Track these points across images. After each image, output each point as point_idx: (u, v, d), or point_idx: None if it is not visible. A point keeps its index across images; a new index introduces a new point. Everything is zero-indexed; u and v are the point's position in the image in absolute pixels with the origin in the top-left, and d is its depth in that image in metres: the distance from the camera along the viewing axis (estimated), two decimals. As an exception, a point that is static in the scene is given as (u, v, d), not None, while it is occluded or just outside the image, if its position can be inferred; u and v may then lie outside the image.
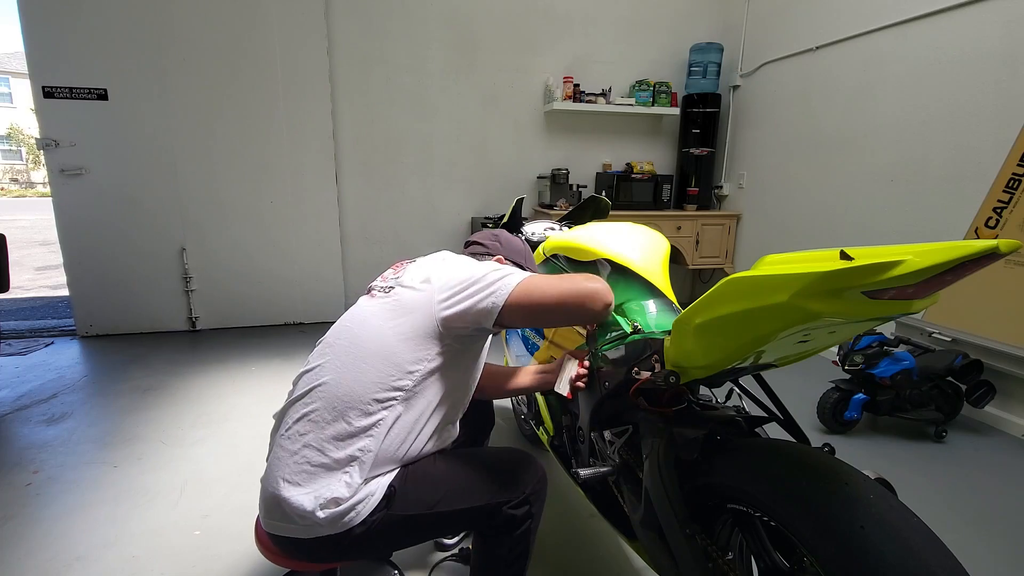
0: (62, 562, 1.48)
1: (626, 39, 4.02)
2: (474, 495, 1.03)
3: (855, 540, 0.69)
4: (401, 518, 0.99)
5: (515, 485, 1.06)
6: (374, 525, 0.96)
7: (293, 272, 3.66)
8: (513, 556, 1.08)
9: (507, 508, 1.04)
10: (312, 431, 0.98)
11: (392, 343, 1.01)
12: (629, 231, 1.44)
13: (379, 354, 1.00)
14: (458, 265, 1.09)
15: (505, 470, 1.08)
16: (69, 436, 2.16)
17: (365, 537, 0.96)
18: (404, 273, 1.12)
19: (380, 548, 1.04)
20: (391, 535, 1.00)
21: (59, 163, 3.15)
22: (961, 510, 1.79)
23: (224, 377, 2.78)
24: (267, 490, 0.99)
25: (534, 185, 4.09)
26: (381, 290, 1.11)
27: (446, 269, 1.08)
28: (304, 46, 3.39)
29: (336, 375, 1.01)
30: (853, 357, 2.19)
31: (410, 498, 0.99)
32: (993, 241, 0.53)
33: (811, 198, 3.39)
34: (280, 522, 0.96)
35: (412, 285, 1.07)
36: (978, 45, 2.45)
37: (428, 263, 1.13)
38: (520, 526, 1.06)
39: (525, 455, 1.13)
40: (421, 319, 1.02)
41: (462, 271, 1.06)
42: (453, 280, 1.04)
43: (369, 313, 1.07)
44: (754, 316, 0.71)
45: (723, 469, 0.92)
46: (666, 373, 0.95)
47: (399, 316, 1.03)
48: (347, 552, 0.99)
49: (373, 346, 1.01)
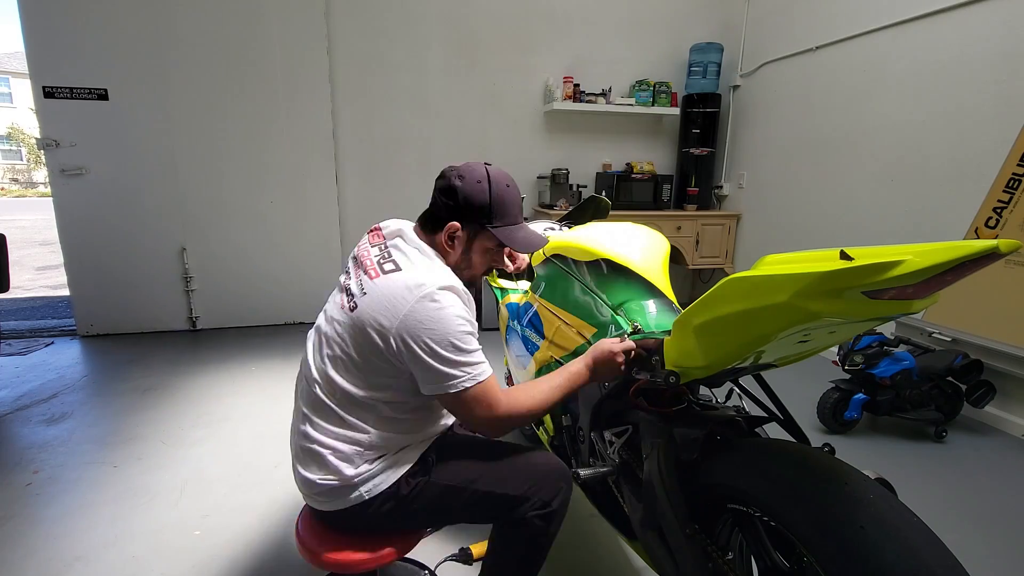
0: (62, 562, 1.48)
1: (626, 39, 4.02)
2: (509, 483, 1.07)
3: (855, 540, 0.69)
4: (441, 488, 1.06)
5: (547, 488, 1.07)
6: (417, 489, 1.05)
7: (293, 272, 3.66)
8: (526, 562, 1.10)
9: (531, 509, 1.06)
10: (305, 423, 1.06)
11: (359, 361, 1.03)
12: (629, 231, 1.44)
13: (347, 370, 1.05)
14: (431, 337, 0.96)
15: (543, 470, 1.10)
16: (69, 436, 2.16)
17: (411, 500, 1.05)
18: (371, 287, 1.01)
19: (425, 517, 1.10)
20: (431, 502, 1.07)
21: (59, 163, 3.15)
22: (961, 510, 1.79)
23: (224, 377, 2.78)
24: (296, 470, 1.07)
25: (534, 185, 4.09)
26: (349, 297, 1.05)
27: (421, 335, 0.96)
28: (304, 46, 3.39)
29: (314, 367, 1.08)
30: (853, 357, 2.19)
31: (450, 469, 1.08)
32: (993, 241, 0.53)
33: (811, 198, 3.39)
34: (334, 499, 1.04)
35: (372, 315, 0.98)
36: (978, 45, 2.45)
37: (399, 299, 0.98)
38: (537, 533, 1.08)
39: (561, 465, 1.13)
40: (377, 350, 1.00)
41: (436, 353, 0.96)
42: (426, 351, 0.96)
43: (341, 325, 1.05)
44: (754, 316, 0.71)
45: (723, 469, 0.93)
46: (666, 373, 0.95)
47: (358, 336, 1.01)
48: (398, 518, 1.07)
49: (341, 360, 1.05)
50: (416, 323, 0.95)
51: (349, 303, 1.04)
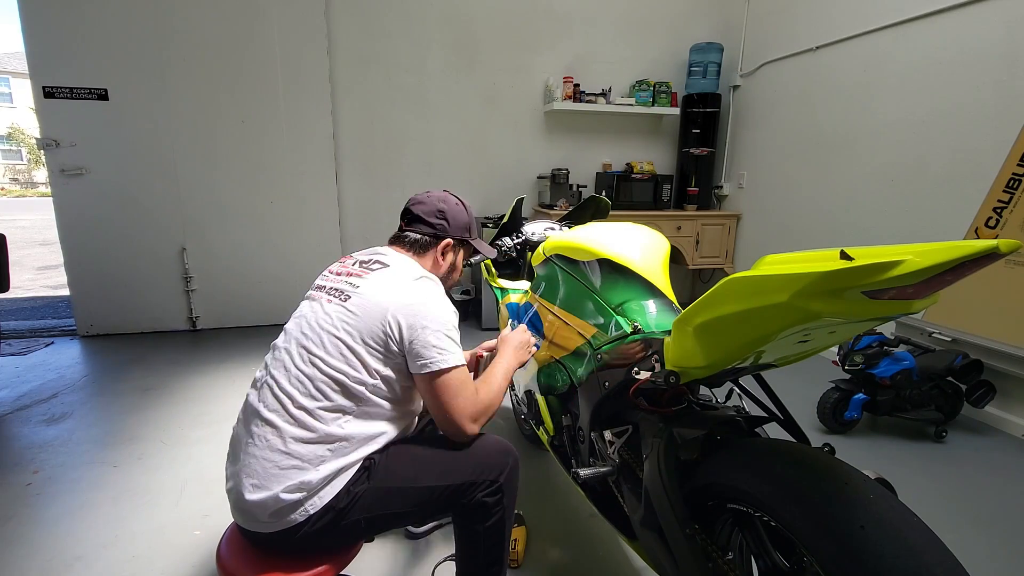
0: (62, 562, 1.48)
1: (626, 39, 4.02)
2: (451, 474, 1.08)
3: (855, 540, 0.69)
4: (383, 490, 1.04)
5: (490, 468, 1.10)
6: (358, 498, 1.02)
7: (293, 272, 3.66)
8: (488, 544, 1.12)
9: (480, 493, 1.08)
10: (276, 437, 1.01)
11: (353, 346, 1.05)
12: (629, 231, 1.44)
13: (341, 355, 1.05)
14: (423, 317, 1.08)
15: (482, 453, 1.12)
16: (69, 436, 2.16)
17: (350, 510, 1.01)
18: (364, 283, 1.12)
19: (364, 526, 1.06)
20: (373, 508, 1.04)
21: (60, 163, 3.15)
22: (961, 510, 1.79)
23: (224, 377, 2.78)
24: (244, 497, 1.00)
25: (534, 185, 4.09)
26: (338, 295, 1.11)
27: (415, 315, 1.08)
28: (304, 46, 3.39)
29: (297, 371, 1.05)
30: (853, 357, 2.19)
31: (390, 470, 1.06)
32: (993, 241, 0.53)
33: (811, 198, 3.39)
34: (267, 519, 0.99)
35: (371, 301, 1.08)
36: (978, 45, 2.45)
37: (387, 293, 1.10)
38: (492, 515, 1.10)
39: (501, 442, 1.17)
40: (375, 332, 1.06)
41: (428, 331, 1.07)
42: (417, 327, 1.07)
43: (326, 315, 1.09)
44: (754, 316, 0.71)
45: (723, 469, 0.92)
46: (666, 373, 0.95)
47: (356, 322, 1.06)
48: (336, 533, 1.02)
49: (332, 347, 1.05)
50: (413, 306, 1.07)
51: (340, 296, 1.10)
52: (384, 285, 1.10)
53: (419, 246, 1.26)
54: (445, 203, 1.29)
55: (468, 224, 1.33)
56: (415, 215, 1.28)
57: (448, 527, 1.64)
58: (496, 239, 1.87)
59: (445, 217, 1.28)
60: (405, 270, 1.15)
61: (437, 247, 1.27)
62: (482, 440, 1.15)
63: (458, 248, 1.34)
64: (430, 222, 1.27)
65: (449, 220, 1.28)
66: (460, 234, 1.31)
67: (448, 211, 1.28)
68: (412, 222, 1.28)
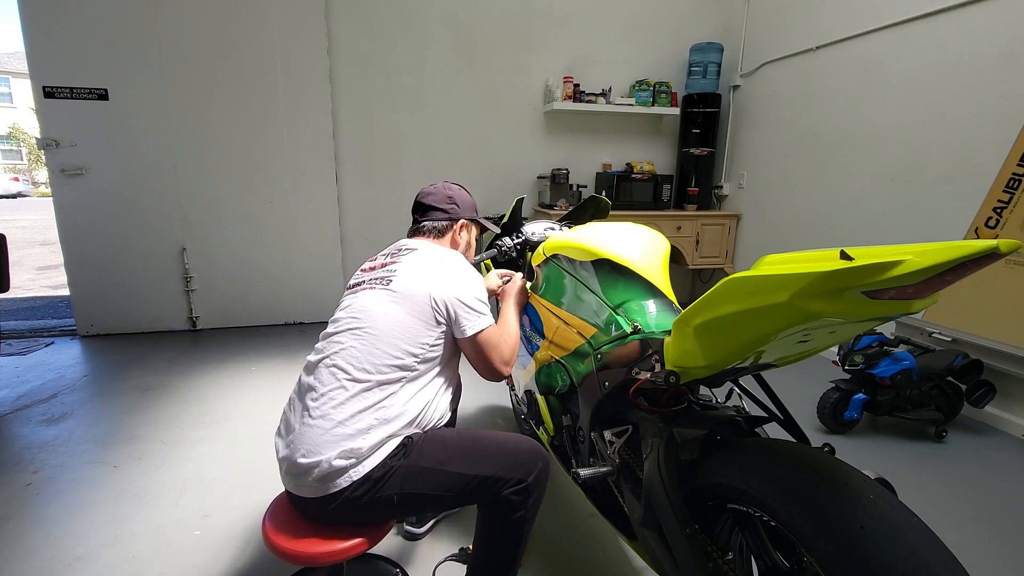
0: (62, 562, 1.48)
1: (626, 39, 4.02)
2: (481, 465, 1.12)
3: (855, 540, 0.69)
4: (416, 468, 1.10)
5: (520, 467, 1.13)
6: (392, 473, 1.08)
7: (293, 272, 3.66)
8: (507, 541, 1.14)
9: (508, 489, 1.10)
10: (330, 408, 1.09)
11: (405, 320, 1.17)
12: (629, 231, 1.44)
13: (393, 330, 1.15)
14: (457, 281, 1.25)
15: (513, 451, 1.15)
16: (69, 436, 2.16)
17: (385, 483, 1.07)
18: (399, 267, 1.25)
19: (396, 502, 1.09)
20: (404, 484, 1.08)
21: (60, 163, 3.15)
22: (961, 510, 1.79)
23: (224, 377, 2.78)
24: (296, 462, 1.06)
25: (534, 185, 4.09)
26: (379, 281, 1.23)
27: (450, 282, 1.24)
28: (304, 46, 3.39)
29: (352, 349, 1.14)
30: (853, 357, 2.19)
31: (424, 451, 1.12)
32: (993, 241, 0.53)
33: (811, 198, 3.39)
34: (313, 483, 1.05)
35: (412, 281, 1.21)
36: (978, 45, 2.45)
37: (423, 271, 1.24)
38: (516, 511, 1.12)
39: (534, 444, 1.19)
40: (422, 308, 1.19)
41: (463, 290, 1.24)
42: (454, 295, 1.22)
43: (375, 299, 1.20)
44: (754, 316, 0.71)
45: (723, 469, 0.92)
46: (666, 373, 0.95)
47: (404, 301, 1.19)
48: (370, 505, 1.07)
49: (384, 323, 1.16)
50: (448, 280, 1.22)
51: (382, 282, 1.22)
52: (418, 266, 1.23)
53: (437, 231, 1.41)
54: (451, 190, 1.46)
55: (474, 205, 1.52)
56: (428, 205, 1.42)
57: (447, 525, 1.64)
58: (496, 239, 1.87)
59: (455, 201, 1.44)
60: (432, 251, 1.30)
61: (454, 228, 1.43)
62: (515, 439, 1.19)
63: (470, 226, 1.49)
64: (443, 208, 1.42)
65: (459, 203, 1.44)
66: (470, 214, 1.47)
67: (456, 196, 1.45)
68: (426, 212, 1.42)
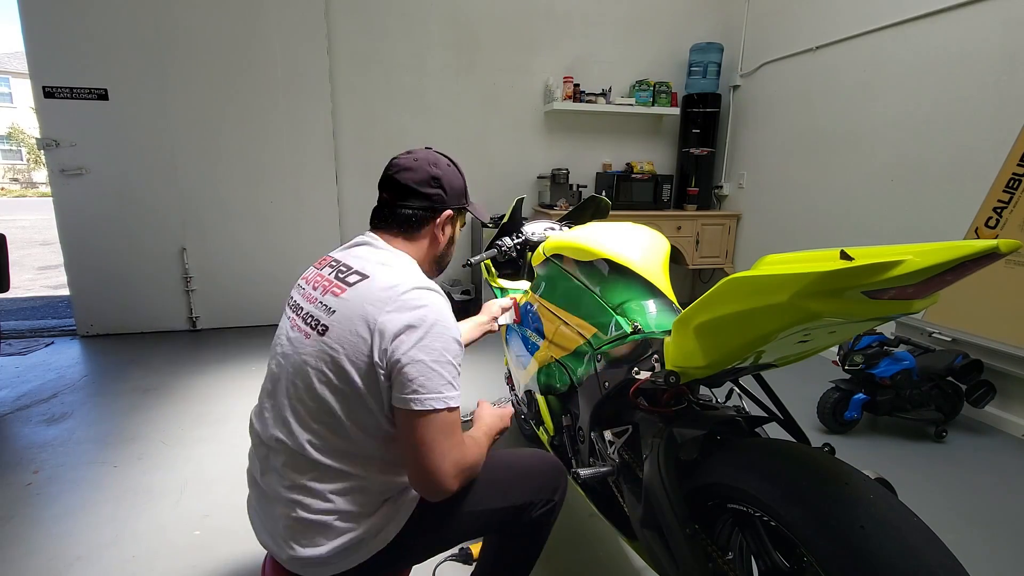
0: (62, 562, 1.48)
1: (626, 39, 4.02)
2: (512, 494, 1.04)
3: (855, 540, 0.69)
4: (448, 515, 0.99)
5: (547, 488, 1.08)
6: (422, 528, 0.97)
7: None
8: (529, 554, 1.11)
9: (537, 511, 1.06)
10: (315, 500, 0.91)
11: (350, 402, 0.91)
12: (629, 231, 1.44)
13: (337, 414, 0.91)
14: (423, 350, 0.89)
15: (538, 472, 1.10)
16: (69, 436, 2.16)
17: (415, 540, 0.97)
18: (339, 307, 0.92)
19: (424, 552, 1.03)
20: (439, 532, 1.00)
21: (59, 163, 3.15)
22: (961, 510, 1.79)
23: (224, 377, 2.78)
24: (298, 556, 0.91)
25: (534, 185, 4.09)
26: (312, 323, 0.94)
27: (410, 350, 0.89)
28: (304, 46, 3.39)
29: (298, 436, 0.92)
30: (853, 357, 2.19)
31: (454, 496, 0.94)
32: (993, 241, 0.53)
33: (811, 198, 3.39)
34: (332, 563, 0.92)
35: (351, 329, 0.90)
36: (978, 45, 2.44)
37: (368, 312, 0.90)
38: (542, 532, 1.09)
39: (552, 458, 1.15)
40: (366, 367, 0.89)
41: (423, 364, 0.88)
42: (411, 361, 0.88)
43: (313, 357, 0.92)
44: (754, 316, 0.71)
45: (723, 469, 0.92)
46: (666, 373, 0.95)
47: (344, 362, 0.89)
48: (399, 562, 0.99)
49: (325, 408, 0.91)
50: (401, 325, 0.87)
51: (317, 329, 0.93)
52: (362, 305, 0.90)
53: (413, 225, 1.06)
54: (437, 166, 1.08)
55: (464, 187, 1.15)
56: (404, 186, 1.05)
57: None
58: (496, 239, 1.87)
59: (441, 185, 1.07)
60: (387, 279, 0.93)
61: (435, 221, 1.08)
62: (538, 457, 1.13)
63: (456, 217, 1.14)
64: (425, 193, 1.06)
65: (446, 187, 1.08)
66: (458, 201, 1.12)
67: (443, 176, 1.08)
68: (402, 195, 1.06)
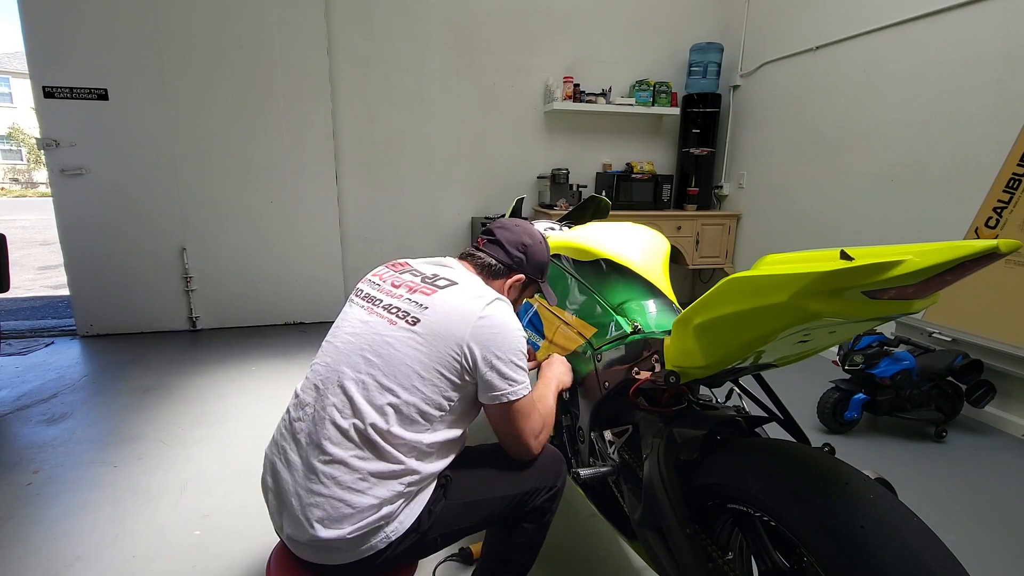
0: (62, 562, 1.48)
1: (626, 39, 4.02)
2: (520, 480, 1.08)
3: (855, 540, 0.69)
4: (461, 505, 1.04)
5: (549, 474, 1.12)
6: (437, 517, 1.01)
7: (293, 272, 3.66)
8: (532, 544, 1.13)
9: (541, 498, 1.10)
10: (346, 474, 0.93)
11: (429, 373, 0.99)
12: (629, 231, 1.44)
13: (413, 385, 0.98)
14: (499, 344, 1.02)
15: (541, 459, 1.12)
16: (69, 436, 2.16)
17: (431, 529, 1.00)
18: (433, 303, 1.03)
19: (440, 543, 1.05)
20: (452, 523, 1.03)
21: (59, 163, 3.15)
22: (961, 510, 1.79)
23: (224, 377, 2.78)
24: (318, 536, 0.92)
25: (534, 185, 4.09)
26: (401, 314, 1.03)
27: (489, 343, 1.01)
28: (304, 46, 3.38)
29: (357, 403, 0.96)
30: (853, 357, 2.19)
31: (466, 485, 1.05)
32: (993, 241, 0.53)
33: (811, 198, 3.39)
34: (347, 550, 0.94)
35: (444, 325, 1.00)
36: (978, 45, 2.45)
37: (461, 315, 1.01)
38: (545, 518, 1.12)
39: (552, 448, 1.18)
40: (448, 360, 0.99)
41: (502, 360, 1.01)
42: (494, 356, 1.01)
43: (397, 340, 1.00)
44: (754, 316, 0.71)
45: (723, 469, 0.93)
46: (666, 373, 0.95)
47: (429, 347, 0.99)
48: (414, 554, 1.02)
49: (405, 376, 0.97)
50: (488, 332, 1.00)
51: (406, 319, 1.01)
52: (455, 307, 1.01)
53: (491, 271, 1.19)
54: (531, 238, 1.24)
55: (545, 265, 1.27)
56: (496, 239, 1.22)
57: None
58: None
59: (526, 252, 1.22)
60: (475, 290, 1.06)
61: (508, 279, 1.21)
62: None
63: (527, 286, 1.27)
64: (509, 251, 1.21)
65: (528, 256, 1.22)
66: (534, 273, 1.25)
67: (531, 247, 1.23)
68: (490, 244, 1.22)
